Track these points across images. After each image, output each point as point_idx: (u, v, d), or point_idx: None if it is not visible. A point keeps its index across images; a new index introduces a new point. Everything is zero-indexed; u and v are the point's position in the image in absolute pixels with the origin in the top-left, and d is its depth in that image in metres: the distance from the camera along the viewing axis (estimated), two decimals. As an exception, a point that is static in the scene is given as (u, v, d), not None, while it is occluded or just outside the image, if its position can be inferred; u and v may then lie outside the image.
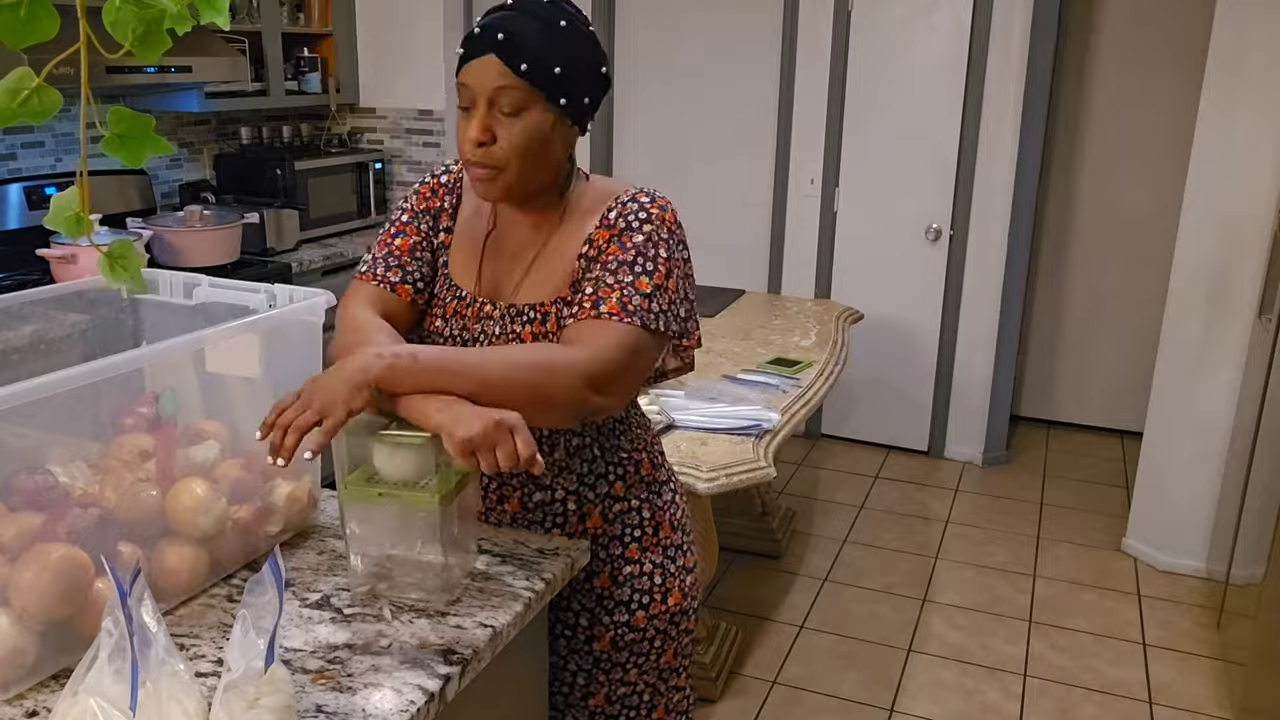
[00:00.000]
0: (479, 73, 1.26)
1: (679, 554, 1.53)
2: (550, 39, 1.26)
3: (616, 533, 1.47)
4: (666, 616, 1.51)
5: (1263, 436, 2.80)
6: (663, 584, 1.50)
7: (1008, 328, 4.19)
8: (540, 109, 1.27)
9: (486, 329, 1.38)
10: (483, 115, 1.27)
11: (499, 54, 1.24)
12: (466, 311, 1.40)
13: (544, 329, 1.34)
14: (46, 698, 1.07)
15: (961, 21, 3.95)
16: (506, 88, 1.25)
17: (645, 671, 1.52)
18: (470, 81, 1.27)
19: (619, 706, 1.53)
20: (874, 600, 3.26)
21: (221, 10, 1.01)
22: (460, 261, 1.43)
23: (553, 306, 1.35)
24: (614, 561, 1.47)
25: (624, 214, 1.34)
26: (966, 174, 4.08)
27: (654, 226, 1.33)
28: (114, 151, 1.05)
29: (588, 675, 1.51)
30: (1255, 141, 3.11)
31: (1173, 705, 2.75)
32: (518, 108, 1.26)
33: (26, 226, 3.19)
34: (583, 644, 1.49)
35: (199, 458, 1.31)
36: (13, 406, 1.01)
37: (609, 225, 1.34)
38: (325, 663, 1.14)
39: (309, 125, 4.35)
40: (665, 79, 4.48)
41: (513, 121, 1.27)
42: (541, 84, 1.26)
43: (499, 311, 1.37)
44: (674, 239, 1.35)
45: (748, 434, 2.39)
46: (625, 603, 1.48)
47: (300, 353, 1.43)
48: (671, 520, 1.52)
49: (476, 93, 1.27)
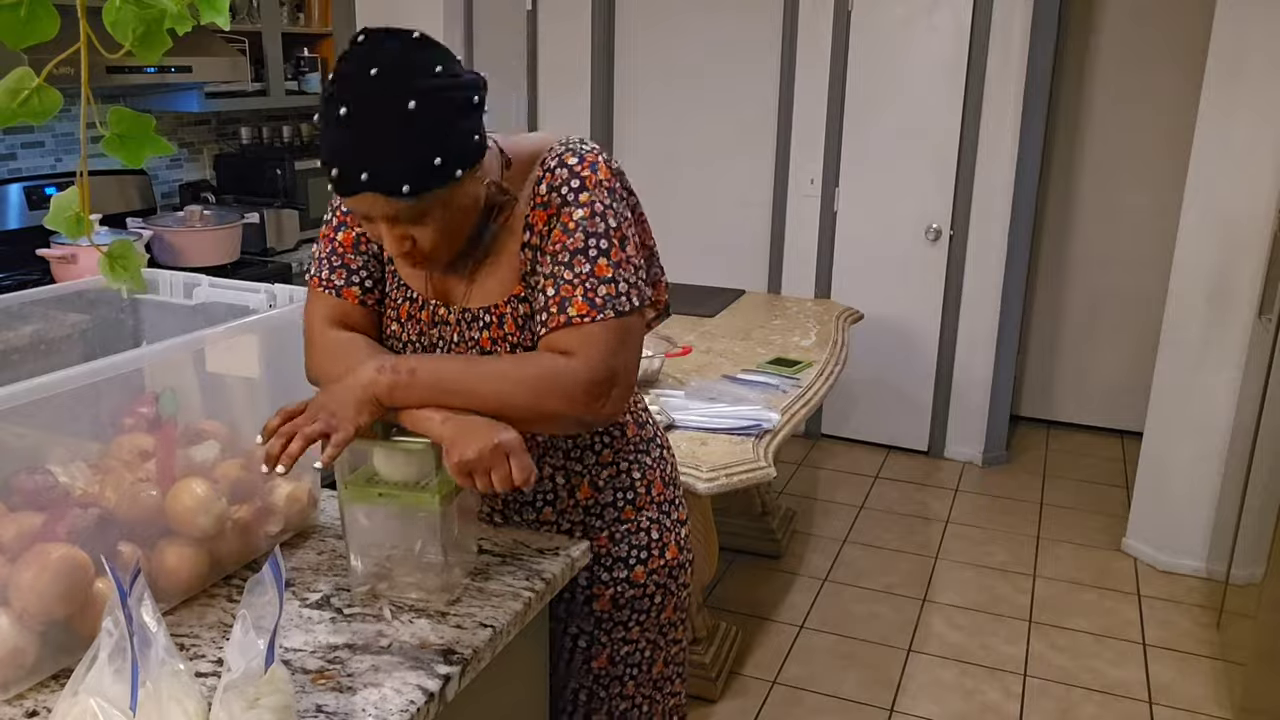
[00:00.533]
0: (364, 205, 1.17)
1: (672, 508, 1.52)
2: (411, 139, 1.12)
3: (609, 499, 1.46)
4: (665, 570, 1.51)
5: (1263, 436, 2.80)
6: (659, 539, 1.50)
7: (1008, 328, 4.19)
8: (441, 197, 1.17)
9: (444, 334, 1.34)
10: (391, 233, 1.19)
11: (372, 190, 1.13)
12: (420, 315, 1.35)
13: (501, 331, 1.30)
14: (46, 698, 1.07)
15: (961, 21, 3.95)
16: (400, 210, 1.16)
17: (646, 628, 1.52)
18: (358, 209, 1.18)
19: (622, 666, 1.52)
20: (874, 600, 3.26)
21: (221, 10, 1.01)
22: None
23: (507, 306, 1.30)
24: (609, 526, 1.46)
25: (555, 186, 1.25)
26: (966, 174, 4.08)
27: (590, 194, 1.25)
28: (114, 151, 1.05)
29: (589, 637, 1.50)
30: (1255, 141, 3.11)
31: (1173, 705, 2.75)
32: (418, 217, 1.18)
33: (26, 226, 3.19)
34: (582, 605, 1.48)
35: (199, 458, 1.31)
36: (13, 406, 1.01)
37: (544, 203, 1.26)
38: (325, 663, 1.14)
39: (309, 125, 4.35)
40: (665, 79, 4.48)
41: (420, 227, 1.19)
42: (430, 186, 1.15)
43: (454, 316, 1.33)
44: (615, 198, 1.27)
45: (748, 434, 2.39)
46: (624, 559, 1.47)
47: (300, 353, 1.43)
48: (663, 476, 1.51)
49: (371, 217, 1.19)
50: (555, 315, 1.23)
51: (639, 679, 1.54)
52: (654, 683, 1.56)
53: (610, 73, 4.55)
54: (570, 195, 1.25)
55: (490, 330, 1.31)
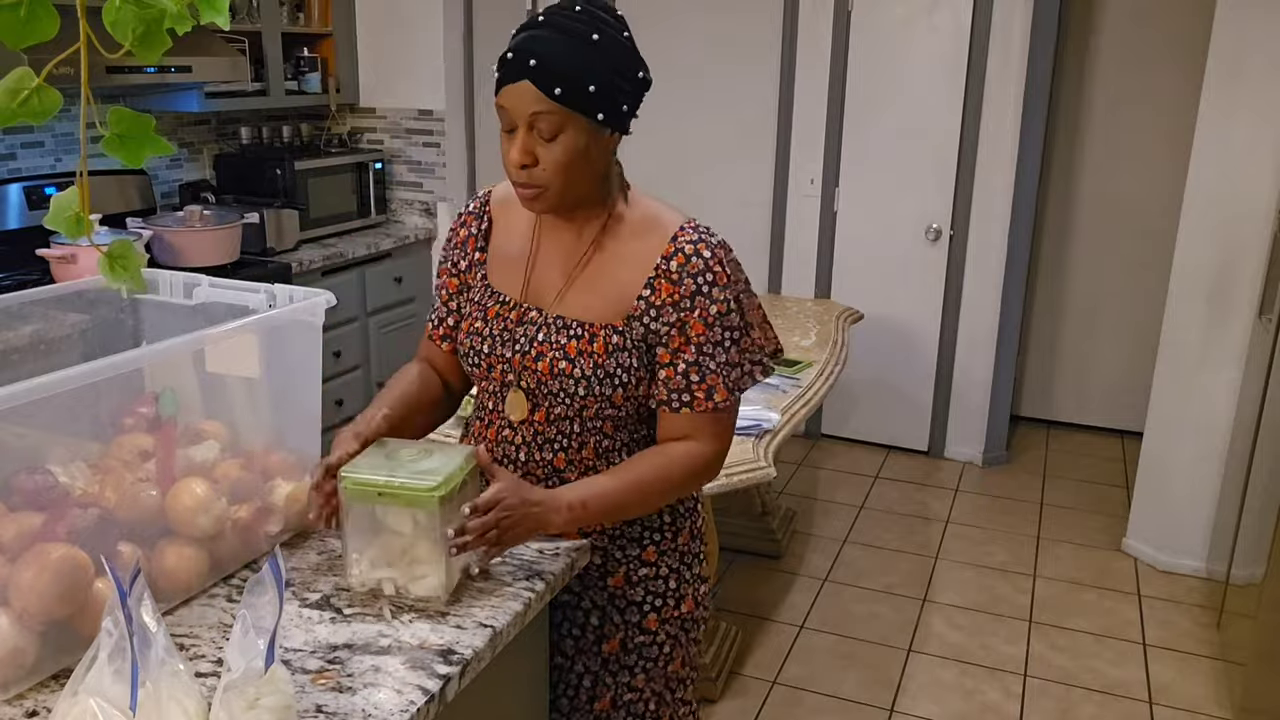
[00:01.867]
0: (515, 98, 1.27)
1: (695, 562, 1.54)
2: (582, 57, 1.26)
3: (635, 534, 1.47)
4: (678, 622, 1.52)
5: (1263, 436, 2.80)
6: (677, 589, 1.51)
7: (1008, 328, 4.19)
8: (578, 128, 1.29)
9: (529, 333, 1.41)
10: (523, 139, 1.29)
11: (533, 79, 1.25)
12: (509, 315, 1.43)
13: (590, 347, 1.37)
14: (46, 698, 1.07)
15: (961, 22, 3.95)
16: (543, 113, 1.27)
17: (653, 678, 1.52)
18: (507, 105, 1.29)
19: (624, 713, 1.52)
20: (874, 600, 3.26)
21: (221, 10, 1.01)
22: (502, 272, 1.46)
23: (601, 330, 1.37)
24: (630, 562, 1.48)
25: (689, 271, 1.36)
26: (966, 174, 4.08)
27: (723, 290, 1.37)
28: (114, 151, 1.05)
29: (594, 677, 1.50)
30: (1255, 141, 3.11)
31: (1173, 705, 2.75)
32: (555, 131, 1.28)
33: (26, 226, 3.19)
34: (592, 644, 1.49)
35: (199, 458, 1.31)
36: (13, 406, 1.01)
37: (671, 278, 1.36)
38: (325, 663, 1.14)
39: (309, 125, 4.35)
40: (665, 79, 4.42)
41: (552, 144, 1.29)
42: (577, 105, 1.27)
43: (544, 318, 1.40)
44: (736, 279, 1.40)
45: (748, 434, 2.39)
46: (638, 604, 1.48)
47: (300, 353, 1.44)
48: (692, 528, 1.53)
49: (514, 117, 1.29)
50: (704, 401, 1.38)
51: None
52: None
53: (610, 73, 4.54)
54: (705, 287, 1.36)
55: (580, 342, 1.38)
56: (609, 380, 1.37)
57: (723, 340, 1.37)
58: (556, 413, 1.40)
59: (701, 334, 1.36)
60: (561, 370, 1.37)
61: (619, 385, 1.37)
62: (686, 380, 1.37)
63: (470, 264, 1.49)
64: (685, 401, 1.38)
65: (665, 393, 1.38)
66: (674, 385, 1.38)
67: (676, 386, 1.38)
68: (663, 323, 1.37)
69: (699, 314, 1.36)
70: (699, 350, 1.37)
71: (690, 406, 1.38)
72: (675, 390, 1.38)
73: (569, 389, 1.37)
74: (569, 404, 1.39)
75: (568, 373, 1.37)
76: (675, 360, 1.37)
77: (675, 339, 1.37)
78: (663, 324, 1.37)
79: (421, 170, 4.44)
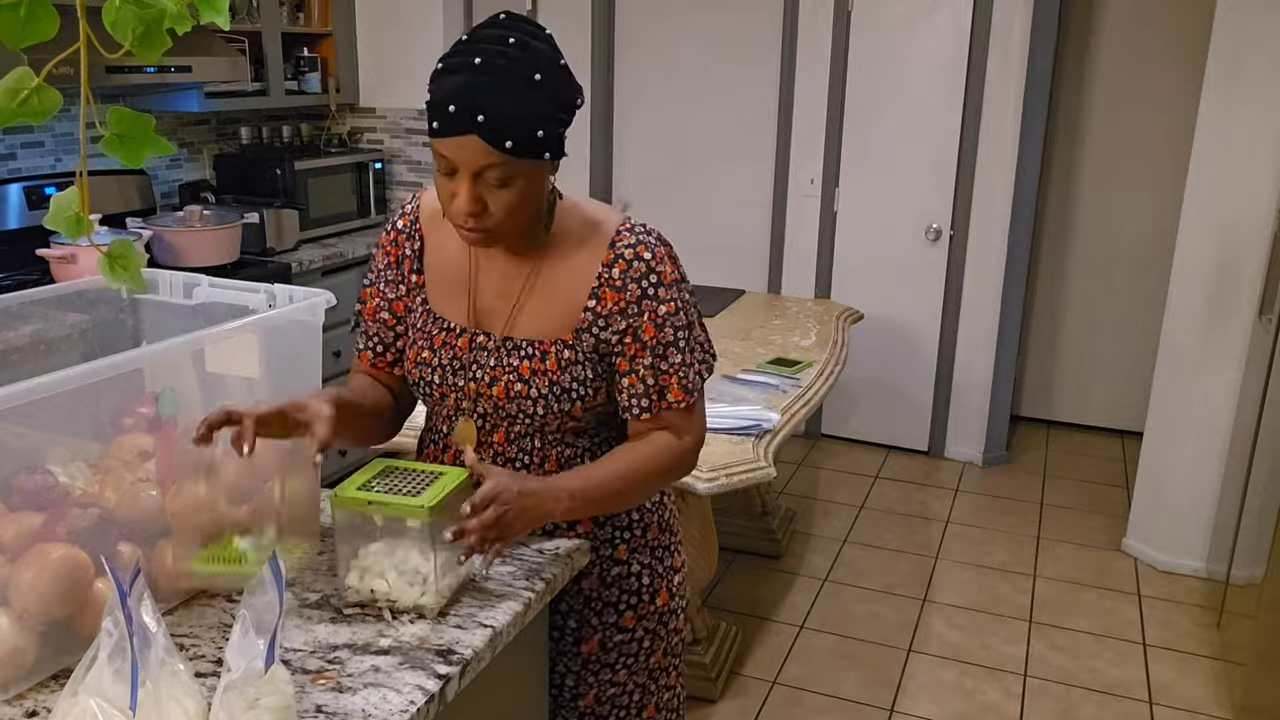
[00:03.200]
0: (460, 149, 1.22)
1: (666, 554, 1.54)
2: (529, 103, 1.21)
3: (606, 535, 1.48)
4: (655, 616, 1.52)
5: (1263, 437, 2.80)
6: (651, 584, 1.51)
7: (1008, 328, 4.19)
8: (528, 172, 1.25)
9: (480, 359, 1.39)
10: (470, 189, 1.24)
11: (481, 135, 1.19)
12: (457, 342, 1.40)
13: (543, 365, 1.36)
14: (46, 698, 1.07)
15: (961, 22, 3.95)
16: (493, 165, 1.22)
17: (635, 672, 1.53)
18: (450, 155, 1.23)
19: (609, 706, 1.53)
20: (874, 600, 3.26)
21: (221, 10, 1.01)
22: (443, 297, 1.43)
23: (552, 347, 1.36)
24: (603, 563, 1.48)
25: (632, 276, 1.35)
26: (966, 174, 4.08)
27: (668, 290, 1.37)
28: (114, 151, 1.05)
29: (576, 677, 1.51)
30: (1255, 142, 3.10)
31: (1173, 705, 2.75)
32: (506, 180, 1.24)
33: (26, 226, 3.19)
34: (570, 646, 1.50)
35: (199, 458, 1.30)
36: (13, 406, 1.01)
37: (614, 286, 1.35)
38: (325, 663, 1.14)
39: (309, 125, 4.35)
40: (665, 79, 4.48)
41: (501, 190, 1.24)
42: (528, 153, 1.22)
43: (494, 343, 1.39)
44: (679, 280, 1.39)
45: (748, 434, 2.39)
46: (614, 604, 1.49)
47: (300, 353, 1.44)
48: (659, 522, 1.54)
49: (459, 166, 1.23)
50: (657, 402, 1.39)
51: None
52: None
53: (610, 73, 4.54)
54: (651, 289, 1.36)
55: (532, 362, 1.37)
56: (565, 395, 1.36)
57: (675, 340, 1.38)
58: (516, 431, 1.40)
59: (654, 336, 1.37)
60: (518, 393, 1.36)
61: (577, 399, 1.37)
62: (646, 385, 1.38)
63: (409, 288, 1.45)
64: (648, 406, 1.39)
65: (628, 399, 1.39)
66: (637, 391, 1.38)
67: (638, 392, 1.38)
68: (612, 331, 1.36)
69: (648, 317, 1.36)
70: (654, 354, 1.37)
71: (657, 409, 1.39)
72: (637, 396, 1.38)
73: (527, 409, 1.37)
74: (529, 423, 1.38)
75: (524, 394, 1.36)
76: (634, 367, 1.37)
77: (631, 347, 1.37)
78: (613, 333, 1.36)
79: (421, 170, 4.44)
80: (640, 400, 1.38)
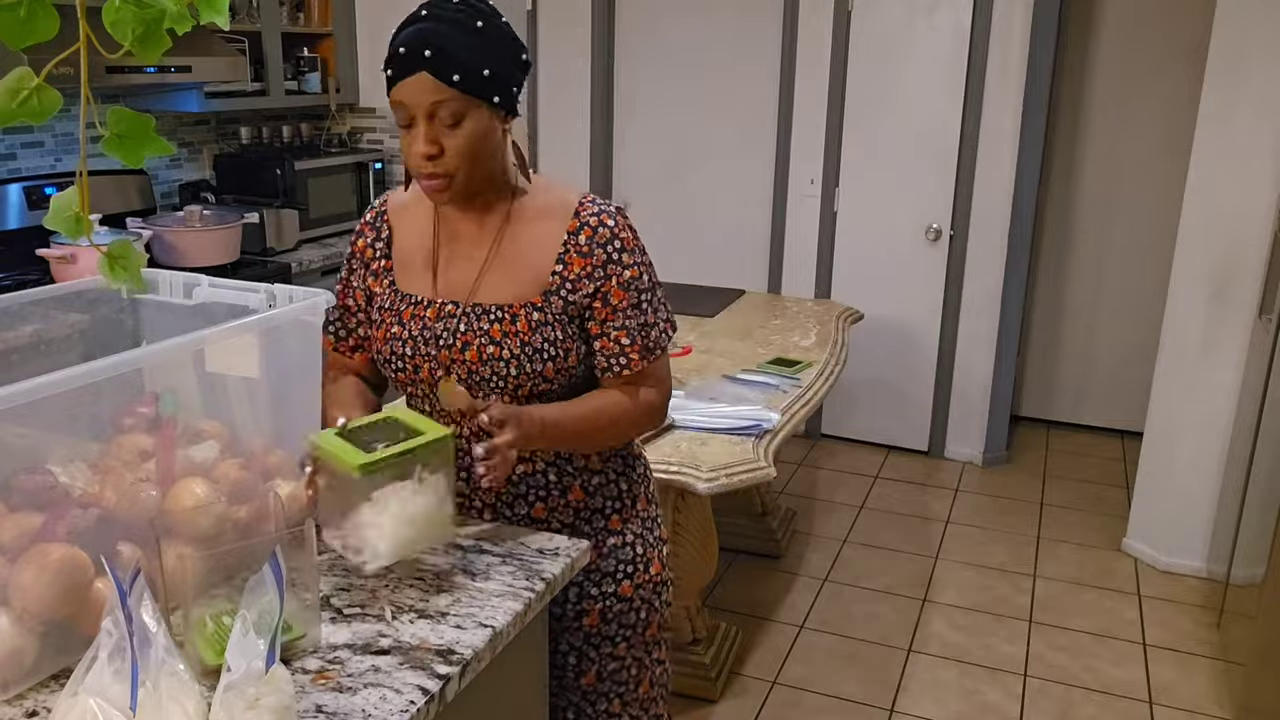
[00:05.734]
0: (412, 90, 1.31)
1: (655, 525, 1.61)
2: (474, 44, 1.31)
3: (598, 505, 1.53)
4: (650, 586, 1.58)
5: (1263, 436, 2.80)
6: (644, 554, 1.57)
7: (1008, 328, 4.19)
8: (478, 112, 1.33)
9: (449, 326, 1.44)
10: (425, 130, 1.32)
11: (429, 69, 1.29)
12: (425, 314, 1.46)
13: (514, 327, 1.41)
14: (46, 698, 1.07)
15: (961, 22, 3.95)
16: (443, 101, 1.30)
17: (633, 645, 1.58)
18: (405, 99, 1.32)
19: (609, 683, 1.58)
20: (874, 600, 3.26)
21: (221, 10, 1.01)
22: (410, 275, 1.49)
23: (521, 309, 1.42)
24: (599, 534, 1.53)
25: (598, 241, 1.42)
26: (966, 174, 4.08)
27: (631, 255, 1.44)
28: (114, 151, 1.05)
29: (579, 653, 1.55)
30: (1255, 141, 3.10)
31: (1173, 705, 2.75)
32: (457, 117, 1.32)
33: (26, 226, 3.19)
34: (572, 621, 1.54)
35: (199, 458, 1.31)
36: (13, 406, 1.00)
37: (580, 251, 1.42)
38: (325, 663, 1.14)
39: (309, 125, 4.35)
40: (665, 78, 4.48)
41: (455, 131, 1.33)
42: (475, 90, 1.31)
43: (460, 309, 1.44)
44: (639, 246, 1.47)
45: (748, 434, 2.39)
46: (611, 574, 1.54)
47: (300, 352, 1.43)
48: (645, 493, 1.60)
49: (414, 109, 1.32)
50: (630, 361, 1.46)
51: (625, 697, 1.60)
52: (640, 703, 1.62)
53: (610, 73, 4.54)
54: (615, 254, 1.43)
55: (503, 325, 1.42)
56: (538, 355, 1.41)
57: (639, 302, 1.45)
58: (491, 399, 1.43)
59: (621, 299, 1.44)
60: (490, 355, 1.41)
61: (548, 359, 1.41)
62: (619, 345, 1.45)
63: (376, 273, 1.51)
64: (624, 364, 1.46)
65: (605, 360, 1.46)
66: (609, 351, 1.45)
67: (611, 352, 1.45)
68: (581, 294, 1.43)
69: (615, 281, 1.43)
70: (623, 315, 1.44)
71: (628, 368, 1.46)
72: (611, 355, 1.45)
73: (500, 371, 1.41)
74: (503, 386, 1.42)
75: (497, 356, 1.40)
76: (605, 330, 1.45)
77: (600, 310, 1.44)
78: (581, 295, 1.43)
79: (421, 170, 4.44)
80: (615, 360, 1.45)
